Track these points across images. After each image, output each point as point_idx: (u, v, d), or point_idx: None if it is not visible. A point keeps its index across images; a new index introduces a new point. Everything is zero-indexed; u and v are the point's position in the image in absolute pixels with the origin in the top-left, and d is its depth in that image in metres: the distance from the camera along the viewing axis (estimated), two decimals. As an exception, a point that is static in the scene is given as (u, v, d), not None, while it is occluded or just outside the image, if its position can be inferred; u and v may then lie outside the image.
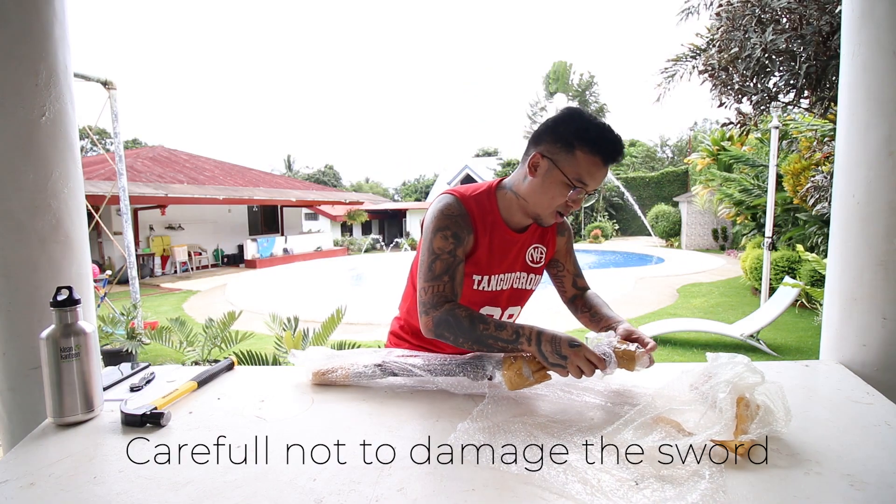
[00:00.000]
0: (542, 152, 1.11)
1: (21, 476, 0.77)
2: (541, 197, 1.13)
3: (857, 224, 1.25)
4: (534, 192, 1.14)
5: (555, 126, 1.11)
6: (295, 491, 0.72)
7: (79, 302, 0.96)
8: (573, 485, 0.71)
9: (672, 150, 30.66)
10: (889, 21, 1.16)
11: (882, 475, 0.73)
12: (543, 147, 1.11)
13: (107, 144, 22.61)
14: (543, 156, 1.11)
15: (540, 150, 1.12)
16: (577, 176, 1.08)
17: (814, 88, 3.68)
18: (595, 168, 1.08)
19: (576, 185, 1.09)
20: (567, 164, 1.08)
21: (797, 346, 5.28)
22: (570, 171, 1.08)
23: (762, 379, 0.83)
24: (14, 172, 1.27)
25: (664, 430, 0.85)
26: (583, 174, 1.08)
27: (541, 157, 1.11)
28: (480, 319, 1.05)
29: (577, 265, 1.38)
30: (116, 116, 5.42)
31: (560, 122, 1.11)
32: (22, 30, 1.27)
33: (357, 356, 1.14)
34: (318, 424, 0.93)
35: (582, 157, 1.07)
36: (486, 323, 1.05)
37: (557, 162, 1.09)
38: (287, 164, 42.87)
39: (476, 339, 1.04)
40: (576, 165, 1.08)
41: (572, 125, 1.09)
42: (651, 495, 0.68)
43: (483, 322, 1.05)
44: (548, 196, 1.12)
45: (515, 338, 1.01)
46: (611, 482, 0.71)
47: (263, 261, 15.01)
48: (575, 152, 1.07)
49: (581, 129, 1.08)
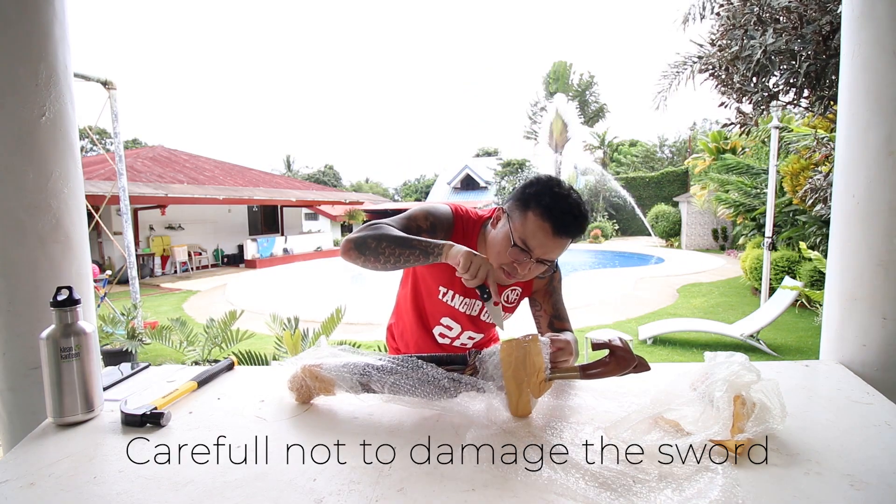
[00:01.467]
0: (504, 207, 1.16)
1: (21, 476, 0.77)
2: (492, 249, 1.15)
3: (857, 224, 1.25)
4: (490, 243, 1.17)
5: (523, 187, 1.13)
6: (295, 491, 0.72)
7: (79, 302, 0.96)
8: (574, 484, 0.71)
9: (672, 150, 30.66)
10: (889, 21, 1.16)
11: (882, 475, 0.73)
12: (509, 203, 1.14)
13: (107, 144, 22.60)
14: (503, 210, 1.15)
15: (505, 205, 1.16)
16: (522, 236, 1.08)
17: (814, 88, 3.68)
18: (542, 233, 1.06)
19: (518, 244, 1.08)
20: (517, 222, 1.09)
21: (797, 346, 5.28)
22: (517, 229, 1.09)
23: (758, 377, 0.83)
24: (14, 172, 1.27)
25: (663, 430, 0.85)
26: (528, 237, 1.08)
27: (501, 212, 1.16)
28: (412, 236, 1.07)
29: (560, 308, 1.31)
30: (116, 116, 5.42)
31: (528, 184, 1.13)
32: (22, 30, 1.26)
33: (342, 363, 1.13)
34: (318, 424, 0.93)
35: (532, 219, 1.07)
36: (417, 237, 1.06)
37: (511, 219, 1.11)
38: (287, 165, 42.86)
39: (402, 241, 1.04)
40: (524, 226, 1.08)
41: (536, 187, 1.10)
42: (661, 494, 0.68)
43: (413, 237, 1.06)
44: (495, 250, 1.13)
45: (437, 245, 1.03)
46: (613, 481, 0.71)
47: (263, 261, 15.01)
48: (527, 213, 1.08)
49: (540, 193, 1.08)
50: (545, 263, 1.11)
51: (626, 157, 28.31)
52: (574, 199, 1.08)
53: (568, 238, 1.08)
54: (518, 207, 1.10)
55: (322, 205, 19.91)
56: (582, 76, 25.69)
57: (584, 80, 25.47)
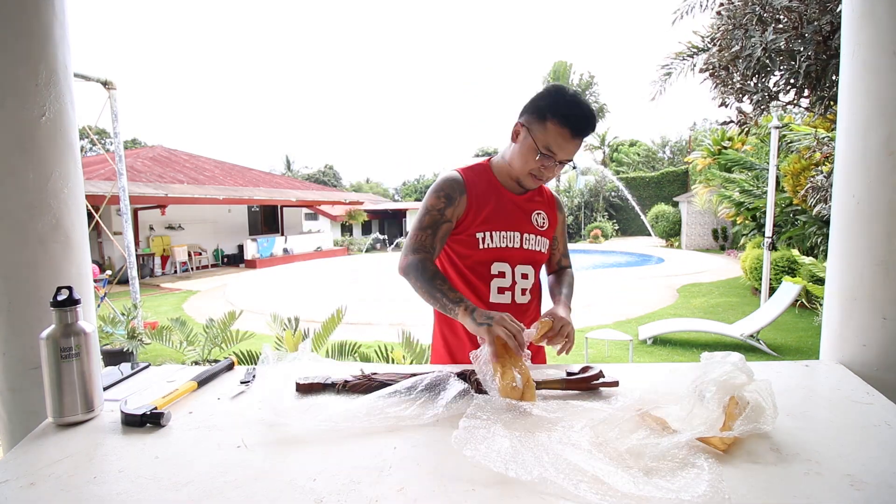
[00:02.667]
0: (521, 122, 1.28)
1: (21, 476, 0.77)
2: (518, 161, 1.29)
3: (857, 224, 1.25)
4: (513, 157, 1.31)
5: (535, 100, 1.26)
6: (295, 491, 0.72)
7: (79, 302, 0.96)
8: (570, 484, 0.71)
9: (672, 149, 30.64)
10: (889, 21, 1.16)
11: (882, 475, 0.73)
12: (524, 118, 1.27)
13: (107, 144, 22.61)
14: (522, 125, 1.27)
15: (521, 120, 1.28)
16: (546, 144, 1.23)
17: (814, 88, 3.68)
18: (562, 139, 1.21)
19: (543, 152, 1.23)
20: (539, 133, 1.23)
21: (797, 346, 5.28)
22: (540, 139, 1.23)
23: (748, 378, 0.83)
24: (14, 172, 1.27)
25: (649, 428, 0.85)
26: (551, 143, 1.22)
27: (520, 126, 1.28)
28: (441, 278, 1.20)
29: (566, 246, 1.56)
30: (116, 116, 5.42)
31: (539, 96, 1.26)
32: (22, 30, 1.26)
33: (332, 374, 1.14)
34: (318, 424, 0.93)
35: (552, 128, 1.21)
36: (444, 282, 1.19)
37: (531, 131, 1.25)
38: (287, 165, 42.84)
39: (429, 289, 1.18)
40: (545, 135, 1.22)
41: (548, 99, 1.23)
42: (649, 489, 0.68)
43: (441, 280, 1.19)
44: (522, 160, 1.28)
45: (458, 301, 1.13)
46: (604, 478, 0.71)
47: (263, 261, 15.01)
48: (546, 124, 1.22)
49: (554, 103, 1.22)
50: (565, 164, 1.27)
51: (627, 157, 28.29)
52: (584, 102, 1.23)
53: (582, 138, 1.23)
54: (536, 120, 1.23)
55: (322, 205, 19.91)
56: (582, 76, 25.68)
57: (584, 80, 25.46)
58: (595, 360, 5.11)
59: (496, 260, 1.33)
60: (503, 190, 1.36)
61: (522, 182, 1.32)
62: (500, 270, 1.34)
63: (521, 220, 1.36)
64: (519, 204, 1.37)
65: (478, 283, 1.33)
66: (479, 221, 1.31)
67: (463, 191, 1.31)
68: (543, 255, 1.40)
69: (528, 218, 1.38)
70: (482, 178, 1.35)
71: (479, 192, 1.33)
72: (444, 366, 1.25)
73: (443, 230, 1.29)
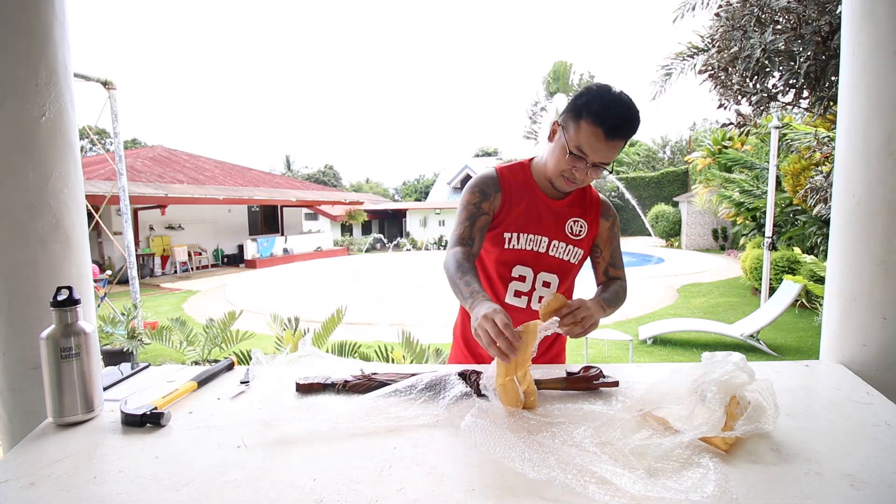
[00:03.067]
0: (559, 121, 1.22)
1: (21, 476, 0.77)
2: (551, 160, 1.23)
3: (857, 224, 1.25)
4: (548, 157, 1.25)
5: (574, 98, 1.19)
6: (295, 491, 0.72)
7: (79, 302, 0.96)
8: (572, 483, 0.71)
9: (672, 149, 30.64)
10: (889, 21, 1.16)
11: (882, 475, 0.73)
12: (562, 117, 1.21)
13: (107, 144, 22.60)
14: (559, 124, 1.22)
15: (559, 119, 1.22)
16: (577, 144, 1.15)
17: (813, 88, 3.68)
18: (594, 139, 1.13)
19: (574, 152, 1.16)
20: (572, 132, 1.16)
21: (797, 346, 5.28)
22: (571, 139, 1.16)
23: (750, 378, 0.83)
24: (14, 172, 1.27)
25: (651, 428, 0.85)
26: (583, 143, 1.14)
27: (557, 125, 1.22)
28: (465, 271, 1.14)
29: (617, 255, 1.39)
30: (116, 116, 5.42)
31: (580, 94, 1.19)
32: (22, 30, 1.26)
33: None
34: (318, 424, 0.93)
35: (585, 127, 1.13)
36: (465, 275, 1.13)
37: (566, 130, 1.18)
38: (287, 165, 42.84)
39: (453, 280, 1.14)
40: (577, 134, 1.15)
41: (587, 97, 1.15)
42: (655, 490, 0.68)
43: (464, 272, 1.13)
44: (554, 160, 1.22)
45: (469, 295, 1.07)
46: (609, 479, 0.71)
47: (263, 261, 15.01)
48: (580, 122, 1.14)
49: (591, 101, 1.14)
50: (601, 167, 1.18)
51: (627, 157, 28.29)
52: (625, 101, 1.13)
53: (620, 140, 1.14)
54: (571, 118, 1.17)
55: (322, 205, 19.91)
56: (582, 76, 25.69)
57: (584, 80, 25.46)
58: (595, 360, 5.11)
59: (518, 263, 1.30)
60: (538, 192, 1.31)
61: (555, 183, 1.26)
62: (521, 274, 1.30)
63: (552, 225, 1.30)
64: (554, 208, 1.31)
65: (497, 281, 1.32)
66: (510, 220, 1.29)
67: (498, 188, 1.29)
68: (573, 265, 1.33)
69: (562, 224, 1.31)
70: (518, 178, 1.32)
71: (513, 190, 1.29)
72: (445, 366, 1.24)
73: (481, 222, 1.26)
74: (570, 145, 1.16)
